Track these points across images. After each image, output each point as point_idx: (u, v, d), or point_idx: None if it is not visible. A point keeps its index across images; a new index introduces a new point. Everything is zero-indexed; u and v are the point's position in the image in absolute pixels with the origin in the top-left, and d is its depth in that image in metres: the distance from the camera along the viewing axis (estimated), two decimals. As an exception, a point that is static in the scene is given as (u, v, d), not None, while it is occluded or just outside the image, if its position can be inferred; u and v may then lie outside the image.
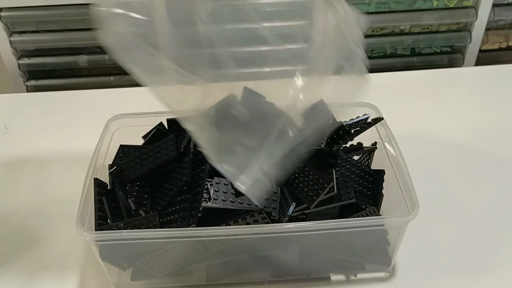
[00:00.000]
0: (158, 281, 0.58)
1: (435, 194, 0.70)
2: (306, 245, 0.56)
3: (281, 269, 0.58)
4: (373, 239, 0.56)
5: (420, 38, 1.20)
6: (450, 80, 0.97)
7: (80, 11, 1.10)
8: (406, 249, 0.60)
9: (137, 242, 0.53)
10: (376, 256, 0.57)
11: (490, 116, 0.85)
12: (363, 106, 0.67)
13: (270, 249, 0.55)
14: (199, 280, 0.58)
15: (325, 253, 0.57)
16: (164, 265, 0.56)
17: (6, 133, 0.86)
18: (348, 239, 0.54)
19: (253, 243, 0.54)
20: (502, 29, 1.23)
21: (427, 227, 0.65)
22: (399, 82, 0.96)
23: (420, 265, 0.60)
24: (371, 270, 0.58)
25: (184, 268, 0.57)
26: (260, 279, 0.59)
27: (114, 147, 0.65)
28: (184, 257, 0.55)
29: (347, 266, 0.58)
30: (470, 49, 1.22)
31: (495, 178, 0.72)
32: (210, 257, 0.55)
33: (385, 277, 0.58)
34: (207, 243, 0.53)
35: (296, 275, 0.58)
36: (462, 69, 1.17)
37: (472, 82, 0.97)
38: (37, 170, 0.77)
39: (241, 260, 0.57)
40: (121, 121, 0.68)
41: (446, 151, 0.78)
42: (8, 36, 1.12)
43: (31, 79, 1.20)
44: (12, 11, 1.09)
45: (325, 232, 0.52)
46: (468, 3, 1.16)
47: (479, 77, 0.98)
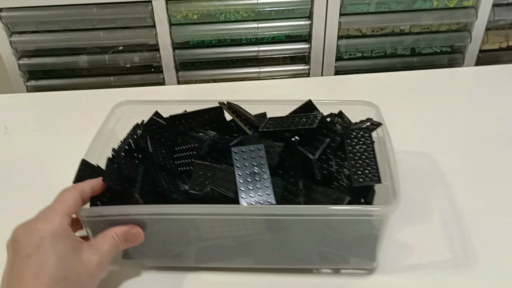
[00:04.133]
0: (149, 261, 0.60)
1: (435, 194, 0.70)
2: (290, 232, 0.56)
3: (264, 256, 0.59)
4: (354, 230, 0.56)
5: (420, 38, 1.20)
6: (450, 80, 0.97)
7: (80, 11, 1.10)
8: (406, 250, 0.60)
9: (124, 218, 0.54)
10: (361, 250, 0.57)
11: (490, 116, 0.85)
12: (362, 104, 0.67)
13: (255, 232, 0.56)
14: (188, 263, 0.60)
15: (309, 242, 0.57)
16: (154, 246, 0.58)
17: (6, 133, 0.86)
18: (329, 228, 0.55)
19: (240, 224, 0.55)
20: (502, 29, 1.23)
21: (427, 227, 0.65)
22: (399, 82, 0.96)
23: (420, 264, 0.60)
24: (355, 264, 0.58)
25: (173, 249, 0.59)
26: (244, 265, 0.59)
27: (118, 131, 0.66)
28: (173, 238, 0.57)
29: (332, 259, 0.58)
30: (470, 49, 1.22)
31: (495, 178, 0.72)
32: (198, 238, 0.57)
33: (370, 271, 0.58)
34: (195, 222, 0.55)
35: (280, 264, 0.59)
36: (462, 69, 1.17)
37: (472, 82, 0.97)
38: (37, 170, 0.77)
39: (227, 244, 0.58)
40: (127, 107, 0.69)
41: (446, 151, 0.78)
42: (8, 36, 1.12)
43: (31, 79, 1.20)
44: (12, 11, 1.09)
45: (309, 218, 0.53)
46: (468, 3, 1.16)
47: (479, 77, 0.98)
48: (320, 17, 1.14)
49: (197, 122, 0.65)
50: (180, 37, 1.15)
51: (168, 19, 1.13)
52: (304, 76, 1.23)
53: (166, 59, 1.17)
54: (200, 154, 0.61)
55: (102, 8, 1.10)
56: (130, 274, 0.59)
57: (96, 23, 1.13)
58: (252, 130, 0.65)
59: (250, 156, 0.57)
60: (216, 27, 1.15)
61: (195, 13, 1.13)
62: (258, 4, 1.12)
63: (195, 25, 1.15)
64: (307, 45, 1.19)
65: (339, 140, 0.60)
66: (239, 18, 1.15)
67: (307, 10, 1.14)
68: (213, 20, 1.14)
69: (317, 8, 1.12)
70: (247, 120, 0.66)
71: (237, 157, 0.57)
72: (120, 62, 1.18)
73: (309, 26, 1.16)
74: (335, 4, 1.12)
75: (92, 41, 1.15)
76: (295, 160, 0.58)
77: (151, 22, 1.12)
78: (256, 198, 0.54)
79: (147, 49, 1.17)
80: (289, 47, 1.19)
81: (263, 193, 0.54)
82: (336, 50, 1.19)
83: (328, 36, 1.17)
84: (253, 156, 0.57)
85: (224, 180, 0.56)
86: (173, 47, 1.17)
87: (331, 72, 1.23)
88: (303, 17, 1.16)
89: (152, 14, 1.11)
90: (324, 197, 0.56)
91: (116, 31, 1.14)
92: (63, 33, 1.14)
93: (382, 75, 0.99)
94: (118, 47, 1.17)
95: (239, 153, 0.58)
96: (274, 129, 0.61)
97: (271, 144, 0.59)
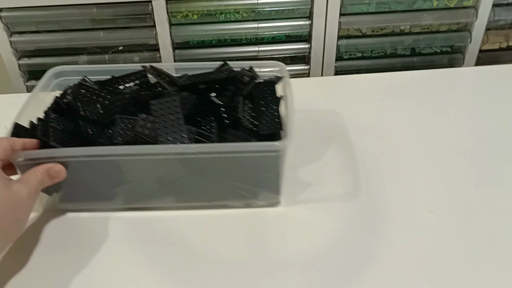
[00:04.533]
0: (83, 204, 0.68)
1: (435, 194, 0.70)
2: (205, 170, 0.64)
3: (184, 195, 0.68)
4: (259, 166, 0.64)
5: (420, 38, 1.20)
6: (450, 80, 0.97)
7: (80, 11, 1.10)
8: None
9: (51, 161, 0.61)
10: (267, 184, 0.67)
11: (490, 116, 0.85)
12: (271, 65, 0.76)
13: (174, 172, 0.64)
14: (118, 204, 0.68)
15: (222, 180, 0.66)
16: (84, 190, 0.66)
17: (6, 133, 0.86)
18: (238, 165, 0.64)
19: (160, 165, 0.63)
20: (502, 29, 1.23)
21: (427, 227, 0.65)
22: (399, 82, 0.96)
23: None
24: (263, 199, 0.68)
25: (102, 192, 0.67)
26: (167, 204, 0.68)
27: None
28: (100, 181, 0.65)
29: (243, 195, 0.67)
30: (470, 49, 1.22)
31: (496, 178, 0.72)
32: (124, 180, 0.65)
33: (275, 204, 0.69)
34: (118, 164, 0.63)
35: (199, 201, 0.68)
36: (462, 69, 1.17)
37: (472, 82, 0.97)
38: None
39: (150, 186, 0.66)
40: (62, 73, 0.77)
41: (446, 151, 0.78)
42: (8, 36, 1.12)
43: (31, 79, 1.20)
44: (12, 11, 1.09)
45: (220, 156, 0.62)
46: (468, 3, 1.16)
47: (479, 77, 0.98)
48: (320, 17, 1.14)
49: (124, 83, 0.74)
50: (180, 37, 1.15)
51: (168, 19, 1.13)
52: (304, 76, 1.23)
53: (166, 59, 1.17)
54: (123, 105, 0.68)
55: (102, 8, 1.10)
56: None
57: (96, 23, 1.13)
58: None
59: (166, 107, 0.64)
60: (216, 27, 1.15)
61: (195, 13, 1.13)
62: (258, 4, 1.13)
63: (195, 25, 1.15)
64: (307, 45, 1.19)
65: (247, 89, 0.70)
66: (239, 18, 1.15)
67: (307, 10, 1.14)
68: (213, 20, 1.14)
69: (317, 8, 1.12)
70: (170, 80, 0.73)
71: (155, 108, 0.64)
72: (120, 62, 1.18)
73: (309, 26, 1.16)
74: (335, 4, 1.12)
75: (92, 41, 1.15)
76: (209, 108, 0.67)
77: (151, 22, 1.13)
78: (172, 142, 0.62)
79: (147, 49, 1.18)
80: (289, 47, 1.19)
81: (179, 137, 0.62)
82: (336, 50, 1.19)
83: (328, 36, 1.17)
84: (169, 106, 0.64)
85: (144, 128, 0.63)
86: (173, 47, 1.17)
87: (331, 72, 1.23)
88: (303, 17, 1.16)
89: (152, 14, 1.11)
90: (234, 138, 0.65)
91: (116, 31, 1.14)
92: (63, 33, 1.14)
93: (382, 75, 0.99)
94: (118, 47, 1.17)
95: (157, 104, 0.65)
96: (189, 82, 0.70)
97: (186, 96, 0.67)
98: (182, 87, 0.70)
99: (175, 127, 0.63)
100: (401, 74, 1.00)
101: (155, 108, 0.64)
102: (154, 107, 0.65)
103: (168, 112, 0.64)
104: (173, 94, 0.68)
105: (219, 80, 0.70)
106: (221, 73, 0.71)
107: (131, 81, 0.74)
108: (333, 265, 0.60)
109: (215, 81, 0.70)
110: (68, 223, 0.67)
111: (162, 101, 0.65)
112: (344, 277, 0.59)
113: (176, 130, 0.62)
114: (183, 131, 0.62)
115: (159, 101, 0.65)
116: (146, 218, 0.67)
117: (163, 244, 0.64)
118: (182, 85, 0.70)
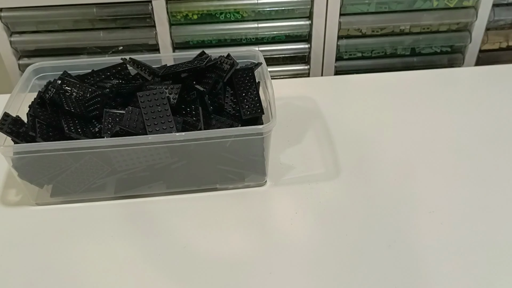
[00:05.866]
0: (75, 196, 0.69)
1: (435, 194, 0.70)
2: (193, 157, 0.67)
3: (174, 181, 0.70)
4: (246, 149, 0.67)
5: (420, 38, 1.20)
6: (450, 80, 0.97)
7: (80, 11, 1.10)
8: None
9: (44, 155, 0.63)
10: (253, 166, 0.70)
11: (490, 116, 0.85)
12: (246, 51, 0.80)
13: (162, 161, 0.66)
14: (109, 194, 0.70)
15: (210, 165, 0.69)
16: (78, 182, 0.67)
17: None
18: (225, 149, 0.66)
19: (149, 155, 0.65)
20: (502, 29, 1.23)
21: (428, 227, 0.65)
22: (399, 82, 0.96)
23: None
24: (251, 180, 0.71)
25: (95, 183, 0.68)
26: (159, 191, 0.70)
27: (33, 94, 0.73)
28: (93, 173, 0.66)
29: (231, 178, 0.70)
30: (470, 49, 1.22)
31: (496, 178, 0.72)
32: (113, 171, 0.66)
33: (262, 184, 0.72)
34: (107, 155, 0.64)
35: (188, 187, 0.70)
36: (462, 69, 1.17)
37: (472, 82, 0.97)
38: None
39: (141, 175, 0.68)
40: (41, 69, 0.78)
41: (446, 151, 0.78)
42: (8, 36, 1.12)
43: (31, 79, 1.20)
44: (12, 11, 1.09)
45: (207, 142, 0.64)
46: (468, 3, 1.16)
47: (479, 77, 0.98)
48: (320, 17, 1.14)
49: (105, 76, 0.76)
50: (180, 37, 1.15)
51: (168, 19, 1.13)
52: (304, 76, 1.23)
53: (166, 59, 1.17)
54: (105, 99, 0.69)
55: (102, 8, 1.10)
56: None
57: (96, 23, 1.13)
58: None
59: (153, 98, 0.66)
60: (216, 27, 1.15)
61: (195, 13, 1.13)
62: (258, 4, 1.13)
63: (195, 25, 1.15)
64: (307, 45, 1.19)
65: (227, 76, 0.72)
66: (239, 18, 1.15)
67: (307, 10, 1.14)
68: (213, 20, 1.14)
69: (317, 8, 1.12)
70: (150, 71, 0.74)
71: (143, 100, 0.65)
72: (120, 62, 1.18)
73: (309, 26, 1.16)
74: (335, 4, 1.12)
75: (92, 41, 1.15)
76: (193, 96, 0.69)
77: (151, 22, 1.13)
78: (160, 132, 0.64)
79: (147, 49, 1.17)
80: (289, 47, 1.19)
81: (167, 127, 0.64)
82: (336, 50, 1.19)
83: (328, 36, 1.17)
84: (156, 98, 0.66)
85: (131, 120, 0.65)
86: (173, 47, 1.17)
87: (331, 72, 1.23)
88: (303, 17, 1.16)
89: (152, 14, 1.11)
90: (219, 124, 0.68)
91: (116, 31, 1.14)
92: (63, 33, 1.14)
93: (382, 75, 0.99)
94: (118, 47, 1.17)
95: (144, 96, 0.66)
96: (171, 71, 0.71)
97: (170, 86, 0.68)
98: (164, 77, 0.72)
99: (163, 117, 0.65)
100: (401, 74, 1.00)
101: (142, 100, 0.65)
102: (142, 99, 0.66)
103: (156, 103, 0.65)
104: (156, 83, 0.70)
105: (200, 68, 0.71)
106: (199, 60, 0.73)
107: (112, 74, 0.76)
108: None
109: (196, 69, 0.71)
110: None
111: (149, 93, 0.66)
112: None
113: (164, 121, 0.64)
114: (170, 122, 0.64)
115: (145, 93, 0.66)
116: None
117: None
118: (163, 75, 0.72)
